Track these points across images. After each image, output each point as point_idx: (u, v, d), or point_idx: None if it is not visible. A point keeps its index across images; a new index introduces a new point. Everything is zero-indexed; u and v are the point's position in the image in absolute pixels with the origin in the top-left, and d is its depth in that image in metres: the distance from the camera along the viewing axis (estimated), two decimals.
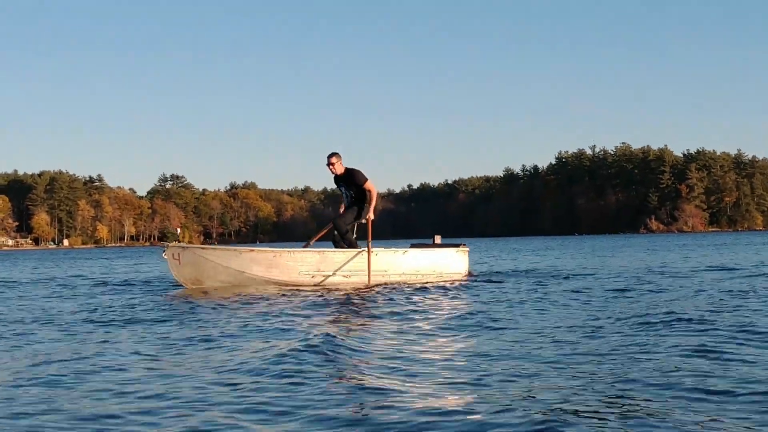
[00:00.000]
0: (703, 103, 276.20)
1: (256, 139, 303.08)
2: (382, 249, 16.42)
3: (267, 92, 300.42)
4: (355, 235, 16.32)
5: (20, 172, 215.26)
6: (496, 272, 19.70)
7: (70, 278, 22.21)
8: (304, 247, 16.28)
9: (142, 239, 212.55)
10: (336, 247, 16.12)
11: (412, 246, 17.62)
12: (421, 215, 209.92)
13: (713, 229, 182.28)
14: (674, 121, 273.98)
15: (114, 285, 17.96)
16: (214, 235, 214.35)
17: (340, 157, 16.25)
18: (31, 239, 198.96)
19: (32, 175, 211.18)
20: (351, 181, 16.12)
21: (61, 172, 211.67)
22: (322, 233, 17.04)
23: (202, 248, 15.37)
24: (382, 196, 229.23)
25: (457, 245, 17.54)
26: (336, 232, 16.15)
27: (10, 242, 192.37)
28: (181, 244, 15.43)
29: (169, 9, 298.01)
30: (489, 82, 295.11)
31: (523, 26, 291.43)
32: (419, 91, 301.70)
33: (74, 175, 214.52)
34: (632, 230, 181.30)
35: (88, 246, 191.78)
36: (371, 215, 16.06)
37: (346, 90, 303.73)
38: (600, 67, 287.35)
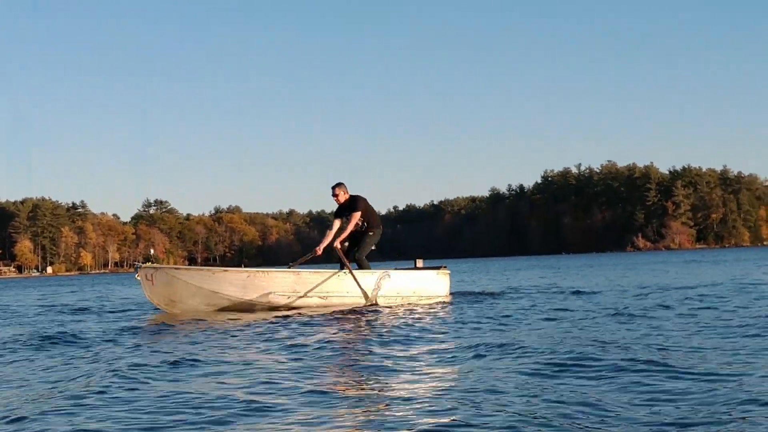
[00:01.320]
0: (688, 119, 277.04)
1: (240, 163, 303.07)
2: (361, 272, 15.99)
3: (251, 115, 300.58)
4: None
5: (2, 200, 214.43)
6: (479, 293, 19.43)
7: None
8: (289, 268, 16.08)
9: (126, 265, 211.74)
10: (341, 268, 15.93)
11: (396, 269, 17.34)
12: (407, 236, 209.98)
13: (700, 246, 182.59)
14: (659, 138, 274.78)
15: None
16: (199, 260, 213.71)
17: (343, 186, 16.44)
18: (14, 267, 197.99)
19: (15, 203, 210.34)
20: (353, 208, 16.22)
21: (43, 199, 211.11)
22: (306, 259, 16.91)
23: (176, 268, 14.99)
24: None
25: (437, 267, 17.40)
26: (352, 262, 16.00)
27: None
28: (154, 264, 14.95)
29: (150, 30, 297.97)
30: (473, 102, 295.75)
31: (506, 46, 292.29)
32: (404, 112, 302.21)
33: (57, 201, 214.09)
34: (619, 248, 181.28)
35: (72, 273, 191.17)
36: (318, 250, 16.17)
37: (330, 112, 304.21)
38: (584, 86, 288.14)
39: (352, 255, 16.03)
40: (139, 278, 14.56)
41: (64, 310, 18.12)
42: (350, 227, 16.05)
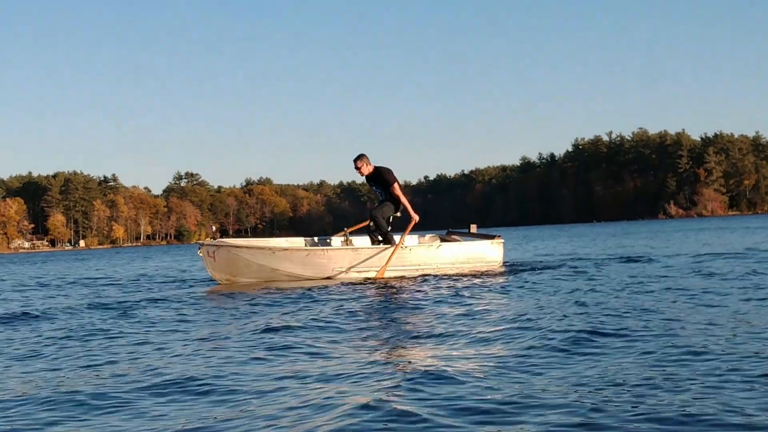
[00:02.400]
0: (720, 85, 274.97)
1: (271, 135, 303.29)
2: (416, 244, 16.54)
3: (281, 87, 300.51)
4: (390, 228, 16.35)
5: (35, 174, 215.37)
6: (532, 262, 19.26)
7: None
8: (343, 236, 16.90)
9: (158, 238, 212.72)
10: (371, 239, 16.35)
11: (449, 232, 17.86)
12: (438, 206, 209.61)
13: (733, 213, 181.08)
14: (691, 104, 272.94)
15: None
16: (231, 233, 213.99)
17: (364, 158, 16.37)
18: (47, 241, 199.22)
19: (47, 177, 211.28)
20: (379, 180, 16.31)
21: (75, 173, 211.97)
22: (360, 226, 17.36)
23: (236, 246, 15.32)
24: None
25: (492, 236, 17.35)
26: (372, 224, 16.33)
27: (27, 244, 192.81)
28: (216, 241, 15.40)
29: (177, 6, 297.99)
30: (504, 71, 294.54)
31: (537, 14, 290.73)
32: (434, 82, 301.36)
33: (89, 175, 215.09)
34: (651, 216, 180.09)
35: (105, 246, 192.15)
36: (415, 217, 16.30)
37: (360, 82, 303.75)
38: (615, 53, 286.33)
39: (384, 227, 16.21)
40: (201, 255, 15.03)
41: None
42: (404, 199, 16.26)
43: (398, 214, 16.31)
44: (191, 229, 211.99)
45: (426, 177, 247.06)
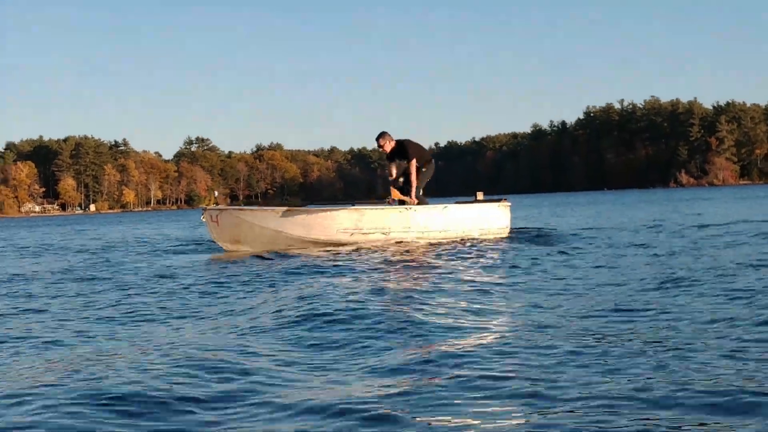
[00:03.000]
0: (732, 53, 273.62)
1: (282, 100, 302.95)
2: (423, 206, 16.16)
3: (291, 52, 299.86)
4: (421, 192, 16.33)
5: (45, 138, 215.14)
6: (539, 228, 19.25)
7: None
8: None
9: (169, 203, 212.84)
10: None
11: (456, 203, 17.47)
12: (449, 173, 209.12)
13: (744, 182, 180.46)
14: (703, 73, 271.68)
15: None
16: (241, 198, 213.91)
17: (386, 136, 16.33)
18: (57, 205, 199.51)
19: (57, 141, 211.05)
20: (404, 154, 16.23)
21: (86, 137, 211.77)
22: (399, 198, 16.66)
23: (240, 209, 15.25)
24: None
25: (498, 200, 17.18)
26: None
27: (37, 208, 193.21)
28: (219, 206, 15.43)
29: None
30: (514, 37, 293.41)
31: None
32: (445, 49, 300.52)
33: (99, 139, 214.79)
34: (662, 184, 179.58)
35: (115, 211, 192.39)
36: (412, 200, 16.05)
37: (371, 48, 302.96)
38: (627, 20, 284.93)
39: (408, 193, 16.03)
40: (204, 220, 14.96)
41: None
42: (413, 179, 16.09)
43: (429, 178, 16.44)
44: (201, 194, 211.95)
45: (437, 144, 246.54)
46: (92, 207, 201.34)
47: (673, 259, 10.63)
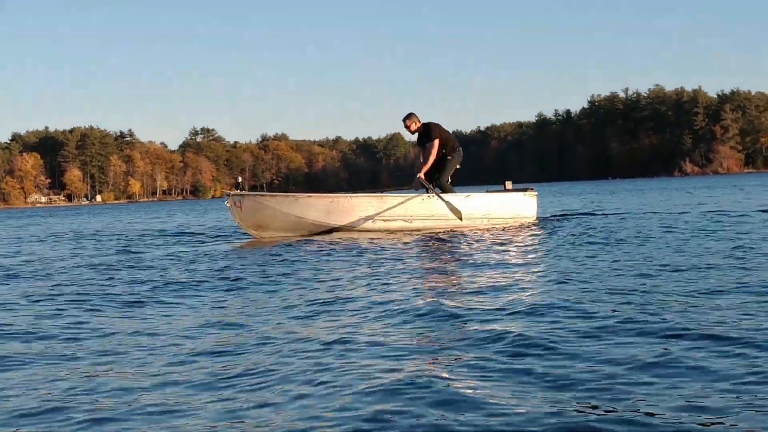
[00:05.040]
0: (737, 42, 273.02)
1: (287, 90, 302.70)
2: (447, 195, 16.12)
3: (296, 41, 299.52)
4: (449, 180, 16.45)
5: (52, 129, 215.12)
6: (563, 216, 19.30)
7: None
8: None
9: (174, 193, 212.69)
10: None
11: (487, 191, 17.60)
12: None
13: (749, 171, 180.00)
14: (707, 61, 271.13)
15: None
16: (246, 188, 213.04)
17: (413, 117, 16.41)
18: (64, 196, 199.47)
19: (63, 132, 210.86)
20: (429, 136, 16.28)
21: (92, 128, 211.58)
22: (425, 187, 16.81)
23: (261, 195, 15.65)
24: (413, 145, 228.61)
25: (524, 189, 17.21)
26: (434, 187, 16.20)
27: (44, 199, 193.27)
28: (242, 192, 15.57)
29: None
30: (518, 27, 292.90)
31: None
32: (450, 37, 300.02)
33: (105, 130, 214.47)
34: (666, 173, 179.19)
35: (121, 201, 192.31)
36: (421, 174, 16.14)
37: (376, 37, 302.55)
38: (632, 8, 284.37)
39: (435, 180, 16.18)
40: (228, 205, 15.20)
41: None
42: (432, 157, 16.13)
43: (458, 166, 16.52)
44: (207, 184, 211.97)
45: None
46: (98, 198, 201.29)
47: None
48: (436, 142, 16.15)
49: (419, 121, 16.43)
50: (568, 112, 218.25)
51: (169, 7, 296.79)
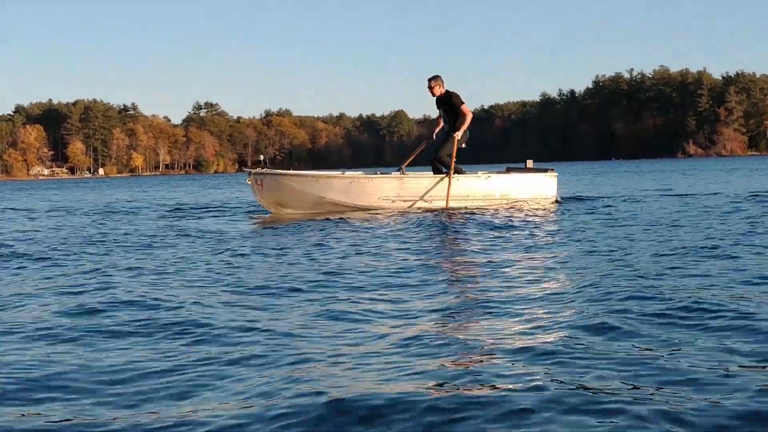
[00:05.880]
0: (742, 23, 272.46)
1: (291, 65, 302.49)
2: (465, 174, 16.32)
3: (300, 17, 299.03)
4: (451, 157, 16.20)
5: (54, 102, 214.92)
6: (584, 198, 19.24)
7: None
8: (399, 171, 16.59)
9: (177, 168, 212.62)
10: (435, 173, 16.26)
11: (508, 169, 17.58)
12: None
13: (752, 153, 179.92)
14: (713, 43, 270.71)
15: None
16: (249, 163, 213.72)
17: (438, 80, 16.44)
18: (66, 168, 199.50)
19: (67, 105, 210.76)
20: (449, 103, 16.29)
21: (95, 101, 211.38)
22: (413, 157, 17.37)
23: (282, 173, 15.80)
24: (417, 122, 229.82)
25: (545, 170, 17.21)
26: (438, 164, 16.32)
27: (46, 171, 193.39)
28: (264, 170, 15.77)
29: None
30: (523, 5, 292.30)
31: None
32: (455, 15, 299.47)
33: (108, 103, 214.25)
34: (669, 154, 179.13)
35: (124, 175, 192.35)
36: (458, 135, 16.05)
37: (380, 13, 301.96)
38: None
39: (435, 154, 16.32)
40: (249, 183, 15.45)
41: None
42: (467, 120, 16.26)
43: (464, 145, 16.38)
44: (209, 159, 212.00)
45: None
46: (101, 171, 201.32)
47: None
48: (464, 107, 16.23)
49: (443, 86, 16.48)
50: (572, 91, 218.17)
51: None
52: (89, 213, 20.25)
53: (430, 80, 16.41)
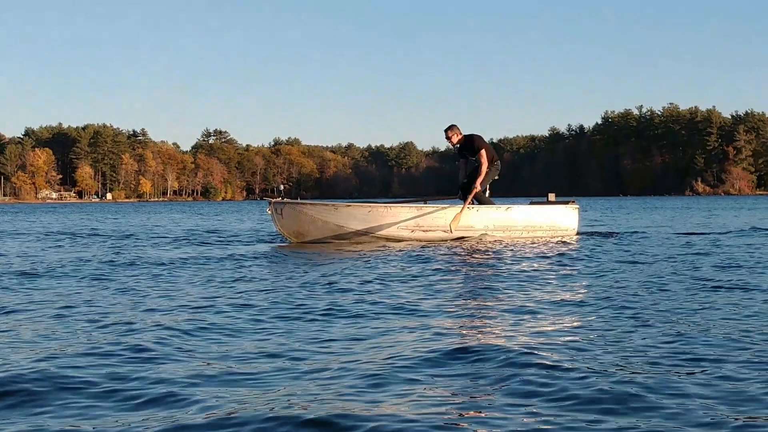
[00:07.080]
0: (752, 63, 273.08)
1: (300, 95, 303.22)
2: (486, 206, 16.25)
3: (311, 47, 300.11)
4: (488, 193, 16.43)
5: (65, 126, 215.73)
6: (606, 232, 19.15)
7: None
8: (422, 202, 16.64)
9: (185, 194, 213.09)
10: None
11: (532, 202, 17.59)
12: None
13: (760, 192, 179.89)
14: (722, 82, 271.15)
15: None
16: (257, 191, 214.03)
17: (455, 128, 16.59)
18: (74, 192, 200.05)
19: (76, 129, 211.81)
20: (471, 148, 16.43)
21: (105, 126, 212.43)
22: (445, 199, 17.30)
23: (302, 203, 15.90)
24: (426, 154, 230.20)
25: (566, 202, 17.12)
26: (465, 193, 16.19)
27: (54, 195, 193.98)
28: (284, 200, 15.82)
29: None
30: (533, 40, 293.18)
31: None
32: (464, 49, 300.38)
33: (118, 128, 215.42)
34: (678, 192, 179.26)
35: (131, 200, 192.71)
36: (478, 186, 16.00)
37: (390, 47, 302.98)
38: (647, 26, 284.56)
39: (470, 191, 16.14)
40: (269, 212, 15.60)
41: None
42: (485, 167, 16.15)
43: (497, 177, 16.42)
44: (217, 186, 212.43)
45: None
46: (109, 195, 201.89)
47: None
48: (484, 152, 16.21)
49: (461, 133, 16.52)
50: (581, 127, 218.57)
51: (185, 6, 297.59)
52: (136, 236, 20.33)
53: (446, 131, 16.55)
